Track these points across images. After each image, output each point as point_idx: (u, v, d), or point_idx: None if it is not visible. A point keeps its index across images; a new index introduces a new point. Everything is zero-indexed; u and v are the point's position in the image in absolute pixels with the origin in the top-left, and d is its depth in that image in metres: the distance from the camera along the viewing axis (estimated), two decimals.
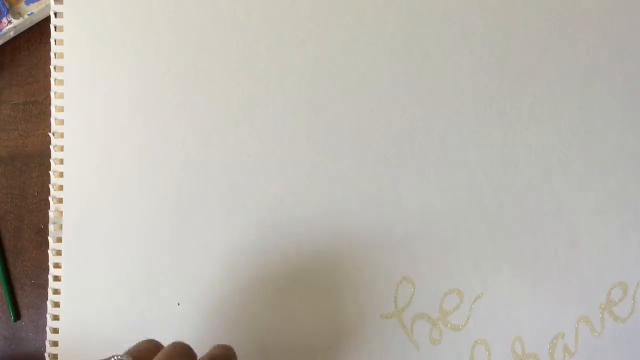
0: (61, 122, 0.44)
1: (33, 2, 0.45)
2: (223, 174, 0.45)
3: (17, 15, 0.45)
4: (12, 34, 0.46)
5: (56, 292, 0.45)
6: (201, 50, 0.45)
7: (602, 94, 0.43)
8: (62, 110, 0.44)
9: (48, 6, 0.45)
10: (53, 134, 0.45)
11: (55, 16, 0.44)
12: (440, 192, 0.45)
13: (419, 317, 0.45)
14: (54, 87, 0.44)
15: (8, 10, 0.45)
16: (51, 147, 0.45)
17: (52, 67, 0.44)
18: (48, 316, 0.44)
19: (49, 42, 0.45)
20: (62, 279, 0.44)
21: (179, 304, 0.44)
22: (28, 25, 0.46)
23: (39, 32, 0.46)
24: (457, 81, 0.45)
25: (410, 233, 0.45)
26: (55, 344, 0.44)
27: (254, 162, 0.45)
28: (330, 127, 0.45)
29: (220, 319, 0.44)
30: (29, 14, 0.45)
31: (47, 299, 0.45)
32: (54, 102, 0.44)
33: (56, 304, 0.45)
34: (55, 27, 0.45)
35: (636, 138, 0.46)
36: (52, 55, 0.44)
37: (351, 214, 0.45)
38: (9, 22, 0.45)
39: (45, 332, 0.45)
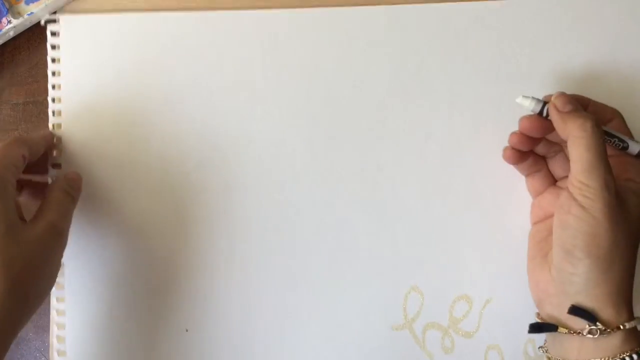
0: (59, 126, 0.44)
1: (33, 2, 0.45)
2: (223, 176, 0.44)
3: (17, 15, 0.45)
4: (12, 34, 0.46)
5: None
6: (200, 51, 0.45)
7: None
8: (60, 115, 0.44)
9: (48, 6, 0.45)
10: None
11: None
12: (442, 198, 0.44)
13: (430, 327, 0.44)
14: (51, 93, 0.44)
15: (8, 10, 0.44)
16: None
17: (49, 72, 0.44)
18: (50, 316, 0.45)
19: None
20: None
21: (187, 330, 0.45)
22: (28, 25, 0.46)
23: (39, 32, 0.46)
24: (453, 86, 0.45)
25: (415, 241, 0.44)
26: (60, 339, 0.45)
27: (254, 166, 0.44)
28: (329, 136, 0.45)
29: (228, 344, 0.44)
30: (28, 14, 0.45)
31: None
32: (52, 106, 0.44)
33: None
34: (51, 33, 0.44)
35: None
36: (49, 59, 0.44)
37: (353, 225, 0.44)
38: (9, 22, 0.44)
39: (45, 332, 0.45)
